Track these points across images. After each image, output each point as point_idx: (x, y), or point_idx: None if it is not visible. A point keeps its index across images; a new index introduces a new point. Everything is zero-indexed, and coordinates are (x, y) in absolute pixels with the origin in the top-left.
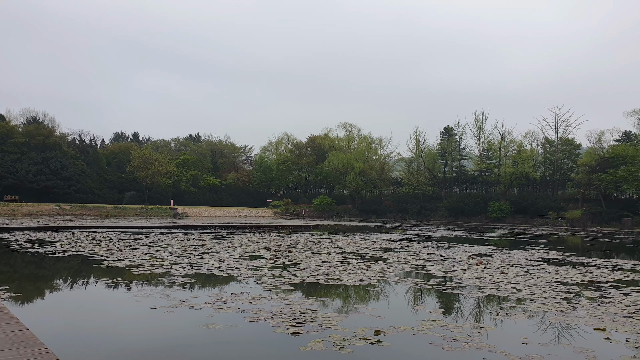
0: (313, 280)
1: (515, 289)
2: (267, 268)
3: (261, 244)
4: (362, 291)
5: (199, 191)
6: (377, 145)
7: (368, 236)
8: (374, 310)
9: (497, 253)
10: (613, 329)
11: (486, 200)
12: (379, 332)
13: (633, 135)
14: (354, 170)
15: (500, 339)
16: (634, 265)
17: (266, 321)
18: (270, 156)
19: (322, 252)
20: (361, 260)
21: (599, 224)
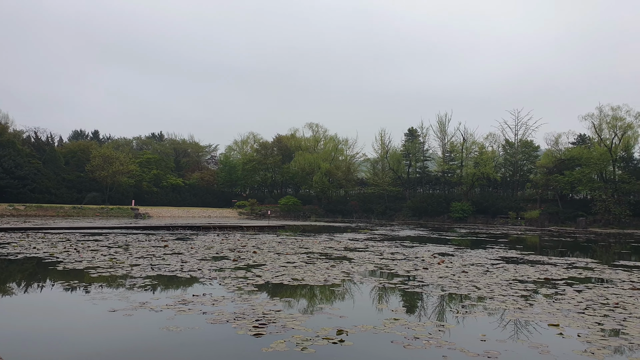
0: (277, 281)
1: (475, 287)
2: (231, 269)
3: (225, 245)
4: (326, 291)
5: (162, 191)
6: (344, 146)
7: (333, 236)
8: (337, 310)
9: (459, 252)
10: (566, 324)
11: (449, 200)
12: (341, 331)
13: (587, 138)
14: (320, 171)
15: (460, 337)
16: (586, 263)
17: (228, 322)
18: (236, 156)
19: (287, 252)
20: (326, 260)
21: (555, 224)
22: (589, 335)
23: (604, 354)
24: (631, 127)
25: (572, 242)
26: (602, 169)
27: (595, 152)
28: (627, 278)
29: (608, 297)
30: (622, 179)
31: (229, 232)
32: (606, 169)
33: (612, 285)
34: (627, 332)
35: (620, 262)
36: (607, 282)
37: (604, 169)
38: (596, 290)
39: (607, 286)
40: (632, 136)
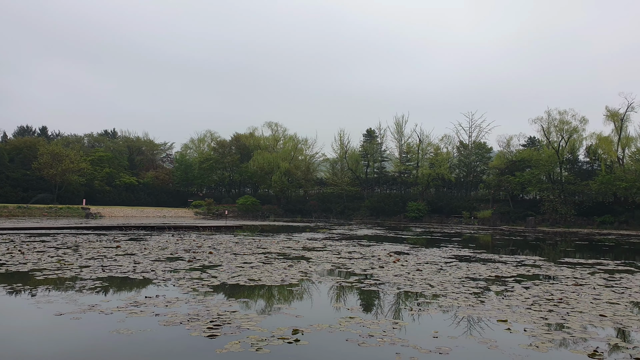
0: (233, 282)
1: (429, 285)
2: (186, 270)
3: (180, 246)
4: (283, 291)
5: (115, 190)
6: (303, 146)
7: (292, 236)
8: (294, 309)
9: (414, 251)
10: (514, 320)
11: (405, 200)
12: (297, 331)
13: (537, 141)
14: (279, 170)
15: (414, 334)
16: (534, 261)
17: (182, 324)
18: (192, 154)
19: (245, 252)
20: (284, 260)
21: (507, 223)
22: (535, 329)
23: (547, 347)
24: (576, 130)
25: (522, 240)
26: (550, 171)
27: (544, 154)
28: (571, 275)
29: (553, 293)
30: (568, 180)
31: (184, 233)
32: (554, 170)
33: (557, 281)
34: (569, 326)
35: (565, 259)
36: (552, 279)
37: (551, 171)
38: (542, 287)
39: (553, 283)
40: (577, 139)
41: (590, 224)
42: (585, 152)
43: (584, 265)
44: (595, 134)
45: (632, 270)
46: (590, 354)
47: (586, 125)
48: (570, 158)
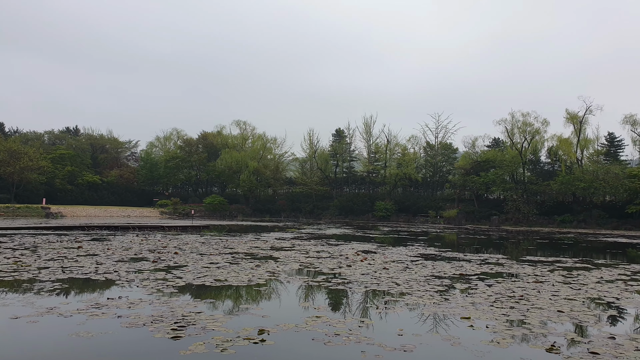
0: (199, 282)
1: (395, 283)
2: (150, 271)
3: (145, 246)
4: (250, 291)
5: (77, 189)
6: (272, 145)
7: (260, 236)
8: (260, 309)
9: (381, 250)
10: (476, 317)
11: (373, 199)
12: (263, 331)
13: (501, 142)
14: (248, 169)
15: (379, 332)
16: (497, 259)
17: (145, 326)
18: (158, 152)
19: (211, 253)
20: (251, 260)
21: (472, 222)
22: (496, 326)
23: (508, 342)
24: (539, 132)
25: (486, 239)
26: (514, 171)
27: (507, 155)
28: (532, 272)
29: (514, 291)
30: (530, 180)
31: (149, 232)
32: (517, 170)
33: (519, 279)
34: (529, 322)
35: (527, 257)
36: (514, 277)
37: (515, 171)
38: (505, 284)
39: (515, 280)
40: (539, 141)
41: (551, 223)
42: (547, 153)
43: (544, 263)
44: (556, 136)
45: (588, 267)
46: (548, 348)
47: (548, 127)
48: (533, 159)
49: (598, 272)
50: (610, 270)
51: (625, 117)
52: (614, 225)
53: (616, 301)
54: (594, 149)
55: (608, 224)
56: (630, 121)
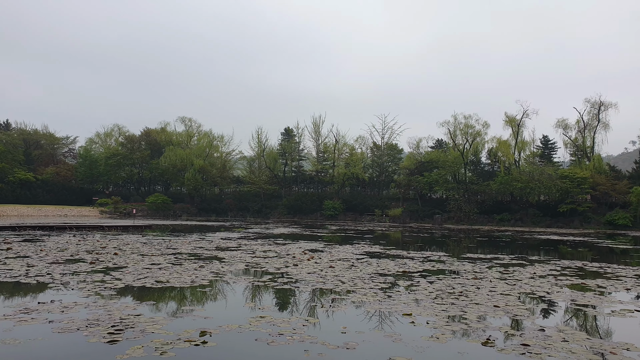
0: (139, 284)
1: (340, 281)
2: (87, 273)
3: (82, 247)
4: (192, 292)
5: (8, 187)
6: (219, 142)
7: (205, 236)
8: (203, 311)
9: (328, 248)
10: (418, 313)
11: (322, 198)
12: (205, 332)
13: (444, 143)
14: (193, 167)
15: (323, 330)
16: (439, 257)
17: (79, 331)
18: (98, 149)
19: (153, 253)
20: (195, 260)
21: (416, 220)
22: (436, 322)
23: (447, 337)
24: (480, 134)
25: (429, 237)
26: (456, 171)
27: (450, 156)
28: (471, 269)
29: (455, 287)
30: (471, 180)
31: (87, 232)
32: (459, 171)
33: (459, 276)
34: (467, 317)
35: (467, 255)
36: (455, 274)
37: (457, 171)
38: (445, 281)
39: (455, 277)
40: (480, 142)
41: (491, 222)
42: (487, 154)
43: (483, 260)
44: (495, 138)
45: (523, 263)
46: (484, 342)
47: (488, 129)
48: (474, 160)
49: (532, 268)
50: (542, 266)
51: (558, 121)
52: (548, 223)
53: (547, 295)
54: (530, 151)
55: (542, 222)
56: (562, 125)
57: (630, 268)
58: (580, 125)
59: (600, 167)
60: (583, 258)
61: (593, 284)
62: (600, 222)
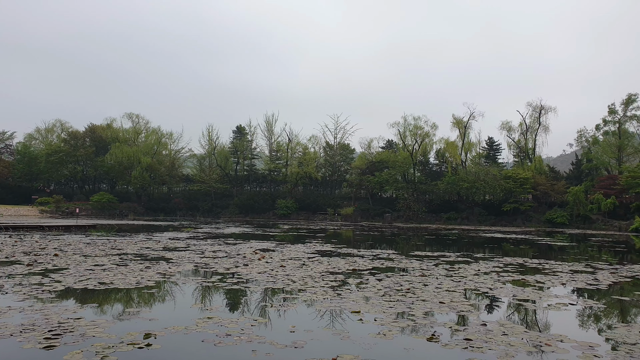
0: (81, 286)
1: (291, 280)
2: (24, 275)
3: (19, 248)
4: (137, 294)
5: None
6: (168, 140)
7: (152, 236)
8: (148, 313)
9: (280, 247)
10: (366, 310)
11: (274, 198)
12: (149, 335)
13: (394, 144)
14: (140, 165)
15: (272, 330)
16: (388, 255)
17: (13, 336)
18: (39, 145)
19: (97, 254)
20: (141, 261)
21: (367, 219)
22: (384, 318)
23: (393, 334)
24: (428, 135)
25: (379, 235)
26: (405, 171)
27: (400, 156)
28: (419, 266)
29: (402, 284)
30: (420, 180)
31: (25, 233)
32: (408, 171)
33: (407, 273)
34: (414, 314)
35: (416, 252)
36: (403, 271)
37: (406, 171)
38: (394, 279)
39: (403, 274)
40: (428, 143)
41: (438, 220)
42: (435, 155)
43: (430, 258)
44: (443, 139)
45: (469, 261)
46: (429, 337)
47: (436, 130)
48: (423, 160)
49: (476, 265)
50: (486, 263)
51: (503, 124)
52: (492, 222)
53: (490, 291)
54: (476, 152)
55: (487, 221)
56: (506, 127)
57: (566, 264)
58: (522, 128)
59: (540, 168)
60: (524, 255)
61: (532, 280)
62: (540, 220)
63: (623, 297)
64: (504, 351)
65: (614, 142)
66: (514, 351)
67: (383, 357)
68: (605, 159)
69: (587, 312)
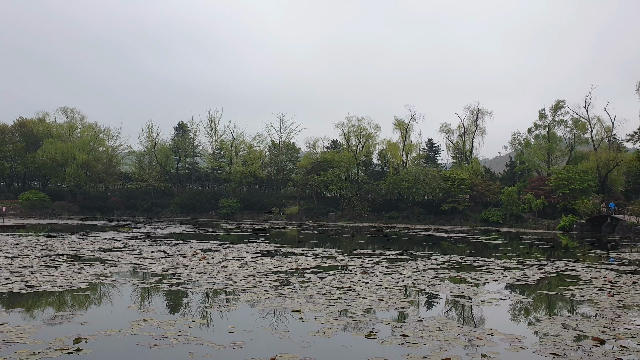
0: (6, 290)
1: (232, 281)
2: None
3: None
4: (69, 297)
5: None
6: (105, 136)
7: (87, 236)
8: (79, 316)
9: (222, 248)
10: (307, 309)
11: (218, 197)
12: (80, 339)
13: (339, 144)
14: (75, 162)
15: (210, 331)
16: (331, 253)
17: None
18: None
19: (25, 255)
20: (74, 262)
21: (312, 218)
22: (324, 317)
23: (333, 332)
24: (371, 136)
25: (323, 234)
26: (349, 171)
27: (344, 156)
28: (360, 265)
29: (344, 282)
30: (363, 180)
31: None
32: (352, 171)
33: (348, 271)
34: (354, 312)
35: (358, 251)
36: (345, 269)
37: (350, 171)
38: (335, 277)
39: (344, 272)
40: (372, 144)
41: (380, 219)
42: (378, 155)
43: (372, 256)
44: (386, 140)
45: (408, 258)
46: (367, 334)
47: (379, 132)
48: (366, 160)
49: (415, 262)
50: (425, 260)
51: (442, 126)
52: (432, 221)
53: (427, 288)
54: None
55: (427, 220)
56: (445, 129)
57: (499, 261)
58: (461, 130)
59: (477, 169)
60: (461, 253)
61: (467, 277)
62: (477, 219)
63: (549, 292)
64: (438, 346)
65: (544, 145)
66: (447, 346)
67: (321, 355)
68: (536, 161)
69: (516, 307)
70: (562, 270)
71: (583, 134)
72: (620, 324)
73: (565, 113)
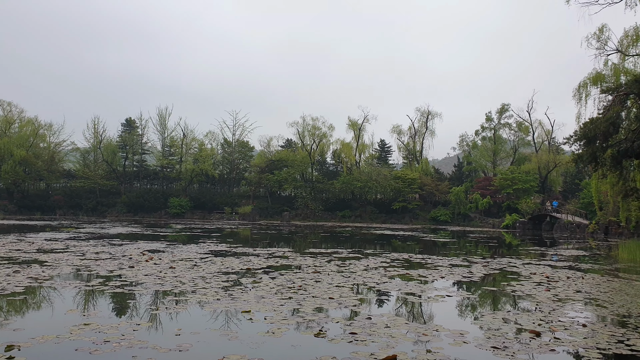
0: None
1: (180, 282)
2: None
3: None
4: (2, 302)
5: None
6: (47, 131)
7: (26, 236)
8: (12, 322)
9: (170, 248)
10: (257, 309)
11: (167, 196)
12: (12, 347)
13: (293, 143)
14: (13, 159)
15: (156, 334)
16: (284, 253)
17: None
18: None
19: None
20: (9, 265)
21: (265, 218)
22: (274, 317)
23: (282, 332)
24: (326, 136)
25: (277, 234)
26: (304, 170)
27: (299, 156)
28: (312, 263)
29: (295, 281)
30: (317, 179)
31: None
32: (306, 170)
33: (300, 270)
34: (304, 310)
35: (310, 249)
36: (297, 268)
37: (305, 170)
38: (287, 276)
39: (296, 272)
40: (326, 144)
41: (334, 218)
42: (332, 155)
43: (324, 255)
44: (340, 140)
45: (359, 256)
46: (316, 333)
47: (333, 131)
48: (320, 160)
49: (366, 260)
50: (375, 258)
51: (394, 127)
52: (383, 219)
53: (377, 285)
54: (369, 153)
55: (379, 219)
56: (397, 130)
57: (446, 258)
58: (411, 132)
59: (427, 170)
60: (410, 251)
61: (416, 274)
62: (426, 218)
63: (492, 288)
64: (386, 343)
65: (490, 147)
66: (394, 342)
67: (270, 355)
68: (482, 162)
69: (462, 303)
70: (505, 267)
71: (526, 136)
72: (555, 316)
73: (510, 116)
